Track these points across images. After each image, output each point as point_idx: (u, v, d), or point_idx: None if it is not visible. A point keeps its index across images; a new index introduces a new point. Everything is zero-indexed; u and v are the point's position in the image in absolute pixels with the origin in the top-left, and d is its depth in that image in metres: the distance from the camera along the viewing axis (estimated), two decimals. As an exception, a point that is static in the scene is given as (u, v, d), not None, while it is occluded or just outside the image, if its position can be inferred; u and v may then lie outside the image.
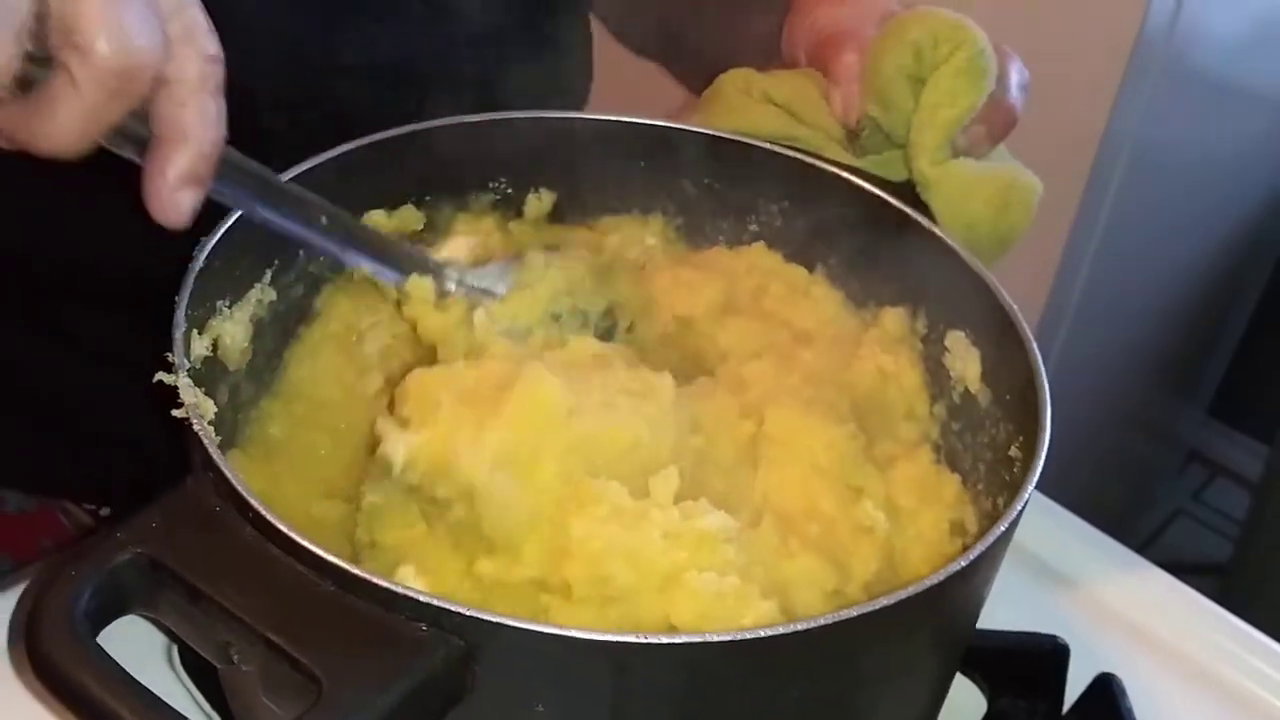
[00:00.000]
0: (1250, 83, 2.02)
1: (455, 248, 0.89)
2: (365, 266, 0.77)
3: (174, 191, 0.60)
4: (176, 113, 0.59)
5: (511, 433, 0.68)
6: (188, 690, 0.80)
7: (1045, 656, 0.84)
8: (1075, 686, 0.84)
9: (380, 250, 0.77)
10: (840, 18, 0.95)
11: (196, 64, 0.59)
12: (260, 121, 0.70)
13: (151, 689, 0.55)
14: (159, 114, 0.59)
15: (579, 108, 1.10)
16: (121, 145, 0.60)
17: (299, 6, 0.91)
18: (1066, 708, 0.84)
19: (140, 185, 0.61)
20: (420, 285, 0.78)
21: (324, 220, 0.72)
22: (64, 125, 0.56)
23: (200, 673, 0.80)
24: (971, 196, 0.86)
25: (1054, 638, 0.85)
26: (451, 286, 0.79)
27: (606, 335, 0.84)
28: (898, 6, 0.94)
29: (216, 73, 0.60)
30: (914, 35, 0.86)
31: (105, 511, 1.08)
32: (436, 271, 0.79)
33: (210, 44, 0.60)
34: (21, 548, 1.06)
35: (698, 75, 1.10)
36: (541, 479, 0.68)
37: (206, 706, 0.79)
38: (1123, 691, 0.83)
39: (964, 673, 0.84)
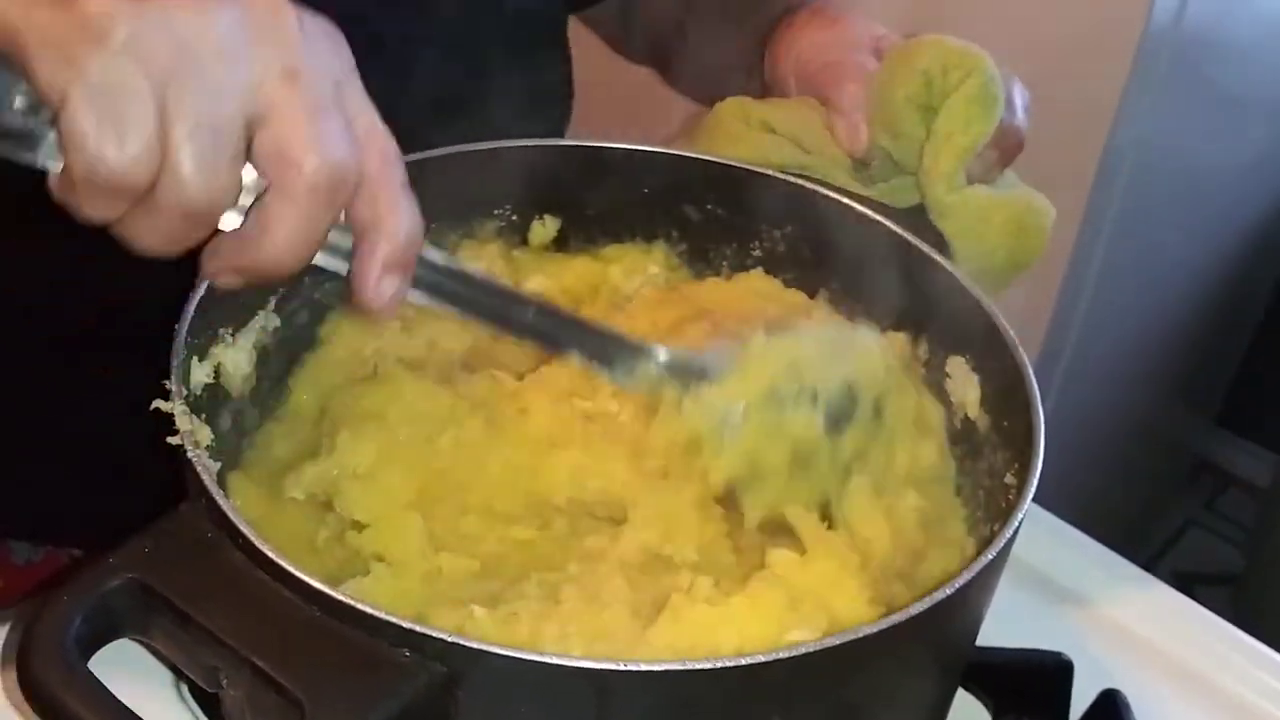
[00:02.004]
0: (1256, 87, 2.00)
1: None
2: (575, 358, 0.74)
3: (379, 280, 0.62)
4: (371, 208, 0.61)
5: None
6: (194, 715, 0.80)
7: (1049, 673, 0.84)
8: (1080, 703, 0.84)
9: (589, 338, 0.74)
10: (826, 45, 0.95)
11: (380, 162, 0.61)
12: None
13: (155, 714, 0.56)
14: (356, 212, 0.61)
15: (562, 125, 1.12)
16: (329, 258, 0.62)
17: None
18: (1072, 724, 0.84)
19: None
20: (637, 382, 0.74)
21: (530, 313, 0.72)
22: (285, 239, 0.58)
23: (206, 699, 0.80)
24: (988, 222, 0.87)
25: (1058, 654, 0.84)
26: (656, 370, 0.74)
27: (845, 418, 0.76)
28: (881, 30, 0.95)
29: (400, 170, 0.62)
30: (924, 64, 0.87)
31: None
32: (644, 355, 0.74)
33: (389, 144, 0.61)
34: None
35: (687, 82, 1.12)
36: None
37: (210, 731, 0.80)
38: (1127, 707, 0.82)
39: (968, 690, 0.84)
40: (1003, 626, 0.74)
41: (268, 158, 0.57)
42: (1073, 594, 0.94)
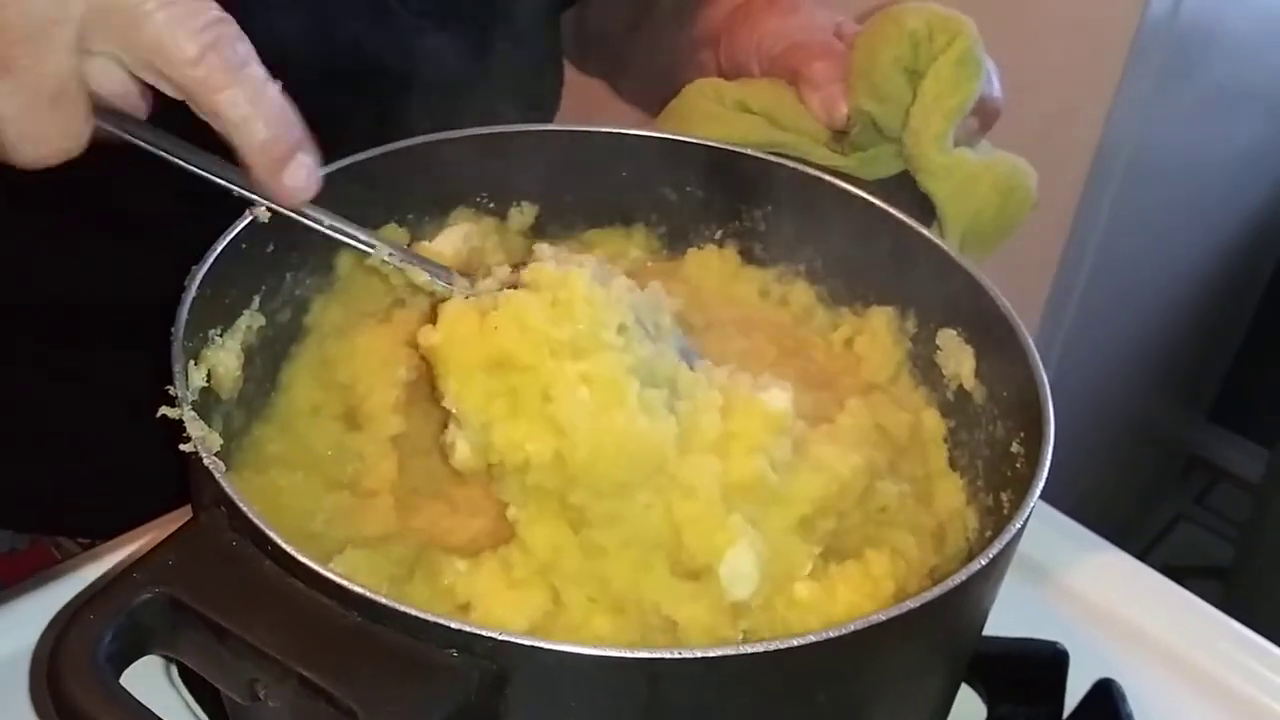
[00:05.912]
0: (1251, 81, 2.01)
1: (450, 237, 0.88)
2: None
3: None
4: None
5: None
6: (184, 701, 0.78)
7: (1045, 662, 0.84)
8: (1075, 692, 0.84)
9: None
10: (788, 29, 0.97)
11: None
12: None
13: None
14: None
15: (550, 115, 1.11)
16: None
17: (295, 8, 0.91)
18: (1067, 714, 0.83)
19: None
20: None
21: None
22: None
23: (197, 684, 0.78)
24: (978, 184, 0.88)
25: (1053, 644, 0.84)
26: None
27: None
28: (839, 17, 0.96)
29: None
30: (912, 26, 0.87)
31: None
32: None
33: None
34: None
35: (643, 91, 1.13)
36: None
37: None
38: (1123, 697, 0.82)
39: (963, 680, 0.82)
40: (998, 616, 0.73)
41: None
42: (1068, 584, 0.93)
